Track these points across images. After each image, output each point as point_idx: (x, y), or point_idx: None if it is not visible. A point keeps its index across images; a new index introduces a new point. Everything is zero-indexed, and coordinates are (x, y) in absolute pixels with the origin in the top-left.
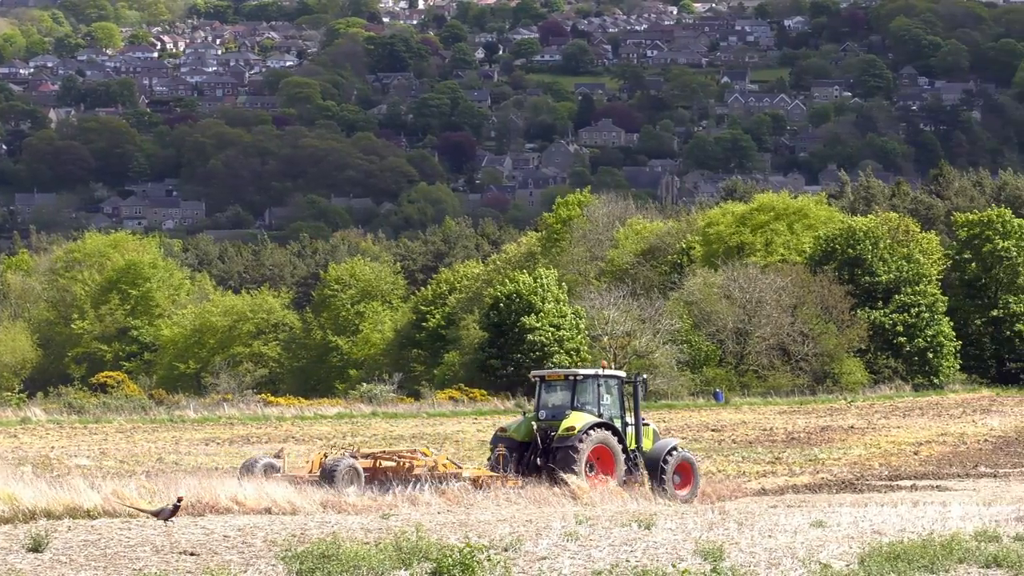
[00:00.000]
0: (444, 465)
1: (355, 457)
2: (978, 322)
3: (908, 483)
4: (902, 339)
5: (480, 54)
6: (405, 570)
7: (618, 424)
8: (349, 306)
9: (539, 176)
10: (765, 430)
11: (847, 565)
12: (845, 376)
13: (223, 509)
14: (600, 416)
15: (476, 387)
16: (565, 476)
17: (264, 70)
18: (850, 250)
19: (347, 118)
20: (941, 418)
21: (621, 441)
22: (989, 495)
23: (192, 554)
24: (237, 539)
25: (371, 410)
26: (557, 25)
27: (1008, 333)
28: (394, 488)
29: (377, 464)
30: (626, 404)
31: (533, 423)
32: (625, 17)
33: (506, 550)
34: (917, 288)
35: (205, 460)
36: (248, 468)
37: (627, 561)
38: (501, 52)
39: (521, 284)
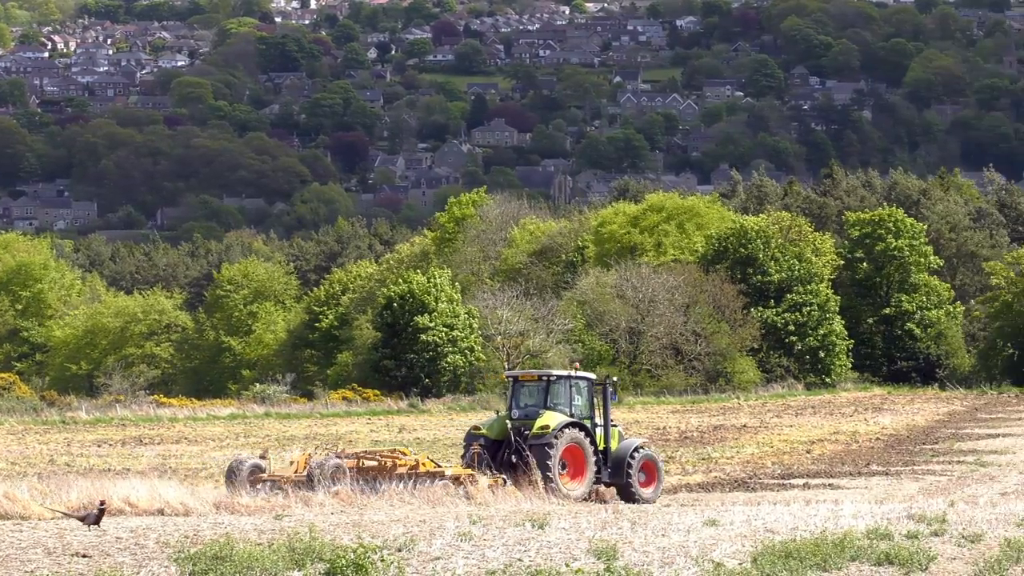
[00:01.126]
0: (424, 464)
1: (340, 457)
2: (870, 321)
3: (801, 481)
4: (794, 338)
5: (373, 54)
6: (299, 571)
7: (588, 424)
8: (242, 307)
9: (432, 176)
10: (658, 429)
11: (740, 564)
12: (738, 375)
13: (115, 511)
14: (572, 416)
15: (369, 387)
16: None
17: (156, 70)
18: (742, 249)
19: (239, 118)
20: (833, 416)
21: (592, 441)
22: (881, 493)
23: (84, 556)
24: (130, 541)
25: (264, 411)
26: (450, 25)
27: (899, 332)
28: (379, 487)
29: (360, 464)
30: (595, 405)
31: (507, 422)
32: (518, 17)
33: (400, 550)
34: (809, 287)
35: (97, 462)
36: (235, 469)
37: (521, 561)
38: (394, 52)
39: (414, 284)
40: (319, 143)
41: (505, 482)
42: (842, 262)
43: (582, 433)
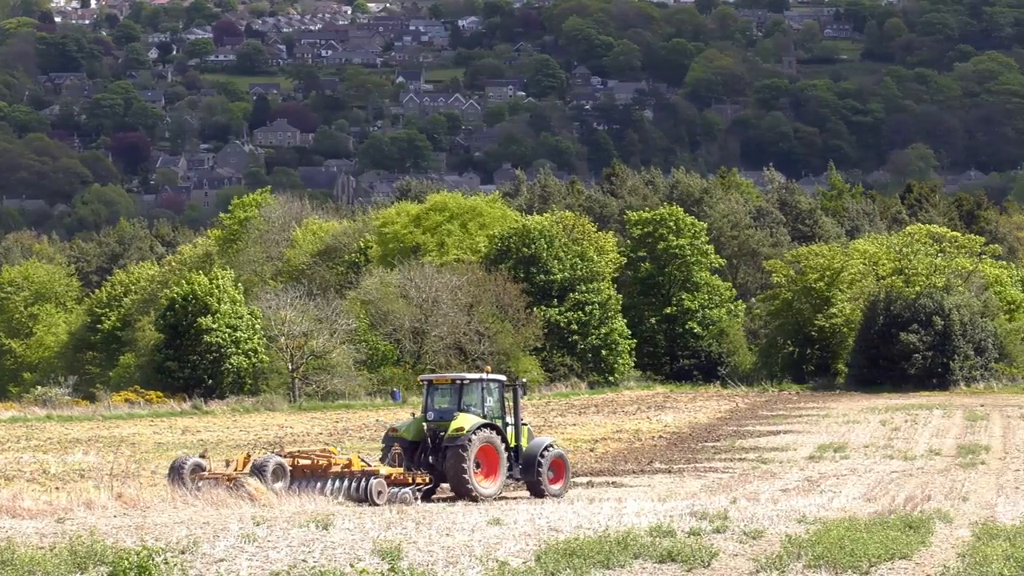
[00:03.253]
0: (356, 464)
1: (281, 456)
2: (652, 320)
3: (584, 480)
4: (577, 337)
5: (154, 54)
6: (81, 574)
7: (500, 424)
8: (23, 308)
9: (214, 177)
10: None
11: (524, 562)
12: (521, 374)
13: None
14: (485, 417)
15: (153, 389)
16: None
17: None
18: (525, 249)
19: (18, 119)
20: (616, 415)
21: (504, 440)
22: (664, 491)
23: None
24: None
25: (46, 413)
26: (231, 25)
27: (681, 330)
28: (316, 486)
29: (295, 463)
30: (506, 405)
31: (424, 424)
32: (300, 17)
33: (183, 552)
34: (592, 286)
35: None
36: (177, 468)
37: (305, 562)
38: (175, 52)
39: (197, 285)
40: (100, 144)
41: (432, 482)
42: (625, 260)
43: (495, 433)
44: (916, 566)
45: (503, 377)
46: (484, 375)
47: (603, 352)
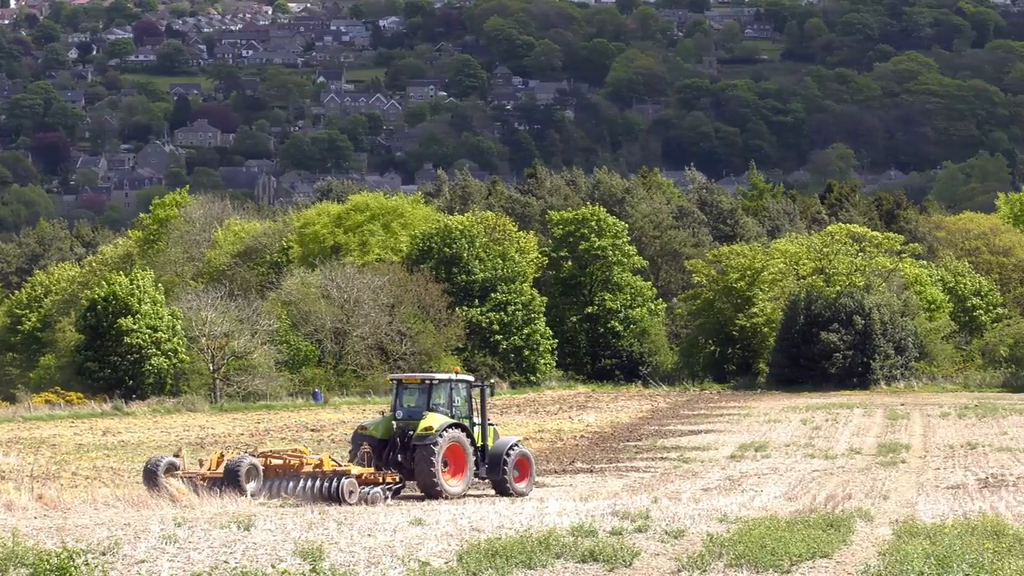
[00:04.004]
0: (327, 464)
1: (254, 456)
2: (574, 320)
3: None
4: (499, 337)
5: (74, 54)
6: None
7: (467, 424)
8: None
9: (135, 177)
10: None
11: (446, 563)
12: None
13: None
14: (453, 417)
15: (73, 390)
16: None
17: None
18: (446, 249)
19: None
20: (538, 415)
21: (471, 440)
22: (586, 490)
23: None
24: None
25: None
26: (152, 25)
27: (602, 330)
28: (288, 486)
29: (268, 463)
30: (473, 405)
31: (393, 422)
32: (220, 17)
33: (104, 554)
34: (513, 286)
35: None
36: (152, 468)
37: (226, 563)
38: (95, 52)
39: (117, 286)
40: (20, 144)
41: (400, 480)
42: (546, 261)
43: (463, 433)
44: (837, 565)
45: (471, 377)
46: (453, 375)
47: (525, 352)
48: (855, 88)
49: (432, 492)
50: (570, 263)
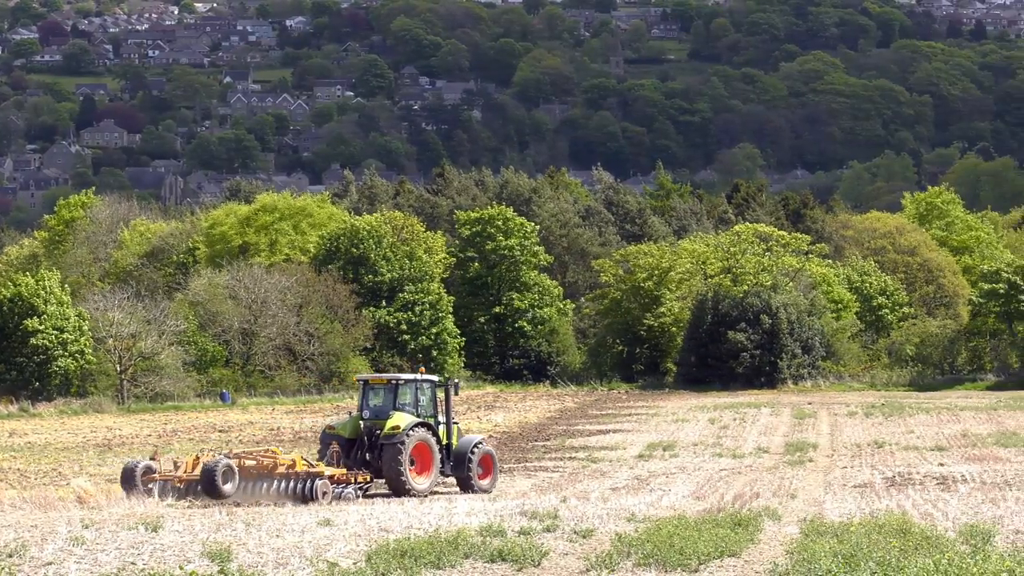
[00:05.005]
0: (299, 464)
1: (229, 457)
2: (481, 320)
3: None
4: (407, 337)
5: None
6: None
7: (433, 422)
8: None
9: (41, 177)
10: (272, 430)
11: (355, 563)
12: (351, 375)
13: None
14: (419, 416)
15: None
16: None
17: None
18: (354, 249)
19: None
20: None
21: (437, 438)
22: (494, 491)
23: None
24: None
25: None
26: (57, 25)
27: (510, 330)
28: (262, 487)
29: (242, 464)
30: (438, 405)
31: (360, 422)
32: (126, 17)
33: (11, 556)
34: (421, 286)
35: None
36: (129, 472)
37: (134, 564)
38: (0, 52)
39: (23, 287)
40: None
41: (371, 479)
42: (454, 261)
43: (428, 432)
44: (745, 563)
45: (436, 378)
46: (418, 376)
47: (433, 352)
48: (761, 88)
49: (400, 490)
50: (478, 263)
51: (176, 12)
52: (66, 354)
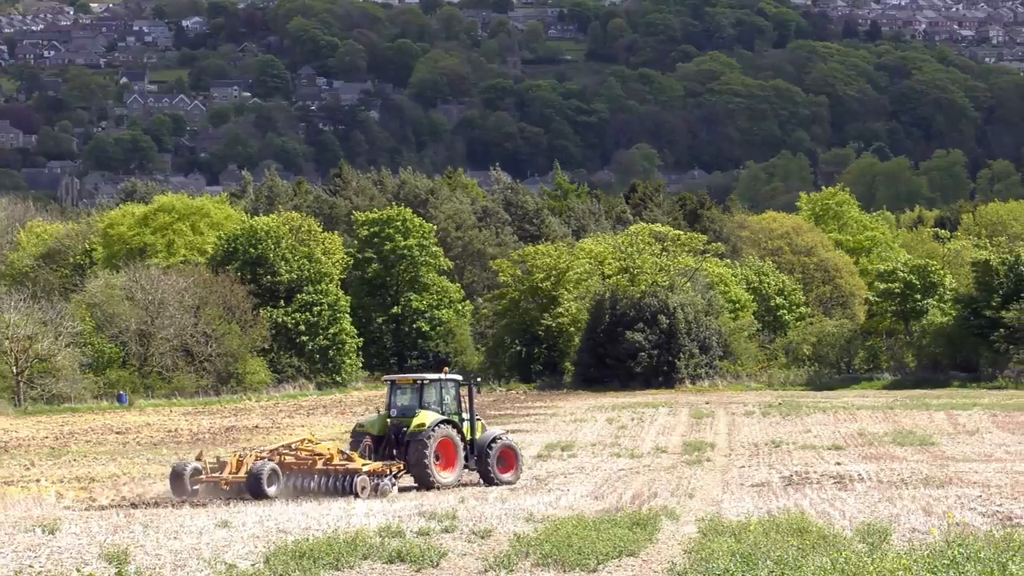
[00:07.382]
0: (335, 457)
1: (262, 458)
2: (380, 320)
3: None
4: (305, 338)
5: None
6: None
7: (457, 419)
8: None
9: None
10: (170, 431)
11: (253, 565)
12: (249, 376)
13: None
14: (443, 413)
15: None
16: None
17: None
18: (252, 250)
19: None
20: (345, 415)
21: (460, 434)
22: (394, 491)
23: None
24: None
25: None
26: None
27: (408, 330)
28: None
29: (283, 461)
30: (462, 402)
31: (388, 420)
32: (21, 17)
33: None
34: (319, 287)
35: None
36: (178, 473)
37: (31, 567)
38: None
39: None
40: None
41: (404, 467)
42: (352, 261)
43: (452, 428)
44: (643, 563)
45: (460, 377)
46: (443, 375)
47: (331, 352)
48: (658, 88)
49: (426, 484)
50: (376, 264)
51: (72, 12)
52: None
